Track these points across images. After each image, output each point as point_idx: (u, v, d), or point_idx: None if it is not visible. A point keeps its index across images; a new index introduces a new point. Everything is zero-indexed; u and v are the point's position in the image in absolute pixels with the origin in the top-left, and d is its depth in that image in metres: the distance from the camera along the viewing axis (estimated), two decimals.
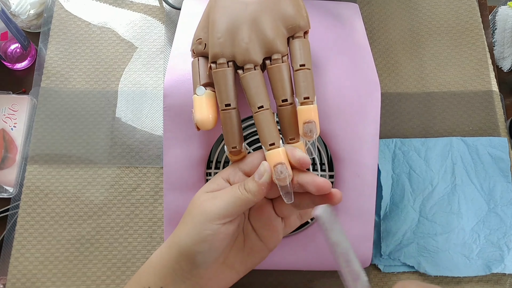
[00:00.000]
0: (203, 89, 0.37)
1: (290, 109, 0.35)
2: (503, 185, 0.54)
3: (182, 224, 0.36)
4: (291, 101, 0.35)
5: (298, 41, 0.36)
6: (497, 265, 0.51)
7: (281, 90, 0.35)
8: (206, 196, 0.36)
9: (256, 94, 0.35)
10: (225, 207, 0.34)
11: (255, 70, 0.36)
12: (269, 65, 0.36)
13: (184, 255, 0.35)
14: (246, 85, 0.36)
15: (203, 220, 0.34)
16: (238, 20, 0.36)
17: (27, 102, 0.57)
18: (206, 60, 0.38)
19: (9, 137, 0.56)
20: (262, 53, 0.36)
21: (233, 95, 0.36)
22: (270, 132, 0.35)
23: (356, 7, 0.50)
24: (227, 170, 0.38)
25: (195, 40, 0.39)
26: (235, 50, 0.36)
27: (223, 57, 0.36)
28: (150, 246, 0.52)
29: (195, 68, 0.38)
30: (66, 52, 0.60)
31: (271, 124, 0.35)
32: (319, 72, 0.42)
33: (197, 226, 0.34)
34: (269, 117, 0.35)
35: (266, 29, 0.36)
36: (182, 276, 0.36)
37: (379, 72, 0.60)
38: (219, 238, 0.34)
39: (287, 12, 0.36)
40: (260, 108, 0.35)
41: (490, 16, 0.66)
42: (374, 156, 0.43)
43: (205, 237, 0.34)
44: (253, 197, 0.34)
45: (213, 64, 0.36)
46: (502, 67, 0.65)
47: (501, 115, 0.59)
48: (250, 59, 0.36)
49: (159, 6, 0.63)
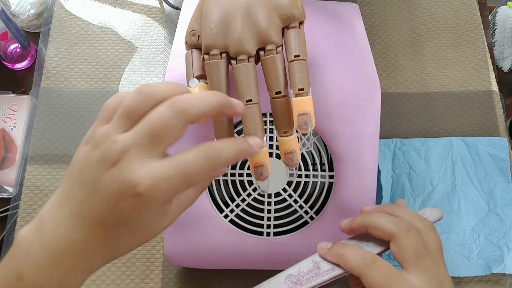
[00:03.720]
0: (196, 81, 0.36)
1: (283, 102, 0.35)
2: (503, 185, 0.54)
3: None
4: (285, 93, 0.35)
5: (293, 31, 0.35)
6: (497, 265, 0.51)
7: (275, 82, 0.35)
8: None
9: (246, 86, 0.34)
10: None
11: (249, 62, 0.35)
12: (263, 56, 0.35)
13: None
14: (238, 76, 0.35)
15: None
16: (231, 10, 0.35)
17: (27, 102, 0.57)
18: (199, 52, 0.37)
19: (9, 137, 0.56)
20: (255, 44, 0.35)
21: (225, 87, 0.35)
22: (256, 128, 0.34)
23: (356, 7, 0.50)
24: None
25: (188, 31, 0.38)
26: (228, 41, 0.35)
27: (216, 48, 0.35)
28: (150, 246, 0.52)
29: (188, 60, 0.37)
30: (66, 52, 0.60)
31: (257, 119, 0.34)
32: (319, 72, 0.42)
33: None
34: (256, 112, 0.34)
35: (260, 19, 0.35)
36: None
37: (379, 72, 0.60)
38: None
39: (281, 2, 0.35)
40: (249, 102, 0.34)
41: (490, 16, 0.66)
42: (374, 156, 0.43)
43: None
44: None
45: (206, 56, 0.35)
46: (502, 67, 0.65)
47: (501, 115, 0.59)
48: (243, 49, 0.35)
49: (159, 6, 0.63)
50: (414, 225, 0.34)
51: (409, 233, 0.33)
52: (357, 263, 0.33)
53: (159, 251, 0.51)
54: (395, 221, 0.34)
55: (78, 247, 0.26)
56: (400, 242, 0.33)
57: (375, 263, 0.32)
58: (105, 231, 0.26)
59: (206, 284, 0.50)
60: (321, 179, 0.43)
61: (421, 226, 0.34)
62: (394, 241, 0.33)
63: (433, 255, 0.33)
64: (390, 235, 0.33)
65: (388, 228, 0.33)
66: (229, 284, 0.50)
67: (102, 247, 0.27)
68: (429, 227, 0.35)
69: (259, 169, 0.34)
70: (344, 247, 0.35)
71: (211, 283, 0.50)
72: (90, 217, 0.26)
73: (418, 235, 0.33)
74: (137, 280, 0.50)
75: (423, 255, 0.33)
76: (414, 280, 0.32)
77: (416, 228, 0.34)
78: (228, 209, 0.44)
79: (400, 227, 0.33)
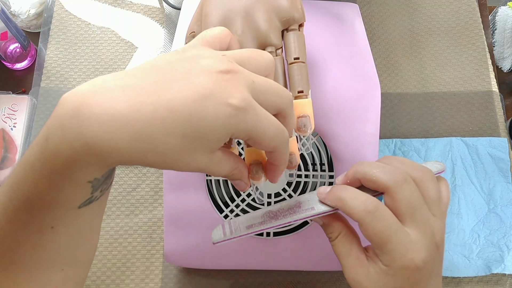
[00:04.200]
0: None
1: None
2: (503, 185, 0.54)
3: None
4: None
5: (292, 33, 0.36)
6: (497, 265, 0.51)
7: None
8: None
9: None
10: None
11: None
12: None
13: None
14: None
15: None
16: (231, 12, 0.35)
17: (27, 102, 0.57)
18: None
19: (9, 137, 0.56)
20: (255, 46, 0.35)
21: None
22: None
23: (356, 7, 0.50)
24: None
25: (188, 33, 0.38)
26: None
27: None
28: (150, 246, 0.52)
29: None
30: (66, 52, 0.60)
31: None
32: (319, 73, 0.42)
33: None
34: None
35: (260, 21, 0.35)
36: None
37: (379, 72, 0.60)
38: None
39: (281, 4, 0.35)
40: None
41: (490, 16, 0.66)
42: (374, 156, 0.43)
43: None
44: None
45: None
46: (502, 68, 0.65)
47: (501, 115, 0.59)
48: None
49: (159, 6, 0.63)
50: (412, 175, 0.32)
51: (404, 185, 0.31)
52: (359, 208, 0.30)
53: (159, 251, 0.51)
54: (390, 171, 0.31)
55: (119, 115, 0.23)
56: (394, 196, 0.30)
57: (378, 211, 0.30)
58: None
59: (206, 284, 0.50)
60: (321, 179, 0.43)
61: (419, 176, 0.32)
62: (387, 194, 0.31)
63: (430, 206, 0.32)
64: (383, 188, 0.31)
65: (382, 180, 0.31)
66: (229, 284, 0.50)
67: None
68: (428, 177, 0.32)
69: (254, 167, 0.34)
70: (344, 190, 0.32)
71: (211, 283, 0.50)
72: (158, 102, 0.23)
73: (414, 187, 0.31)
74: (137, 280, 0.50)
75: (419, 208, 0.31)
76: (412, 233, 0.30)
77: (413, 178, 0.31)
78: (228, 209, 0.44)
79: (394, 178, 0.31)
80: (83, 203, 0.28)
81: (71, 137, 0.23)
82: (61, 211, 0.28)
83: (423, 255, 0.30)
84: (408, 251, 0.30)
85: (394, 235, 0.30)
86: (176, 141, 0.24)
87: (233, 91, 0.25)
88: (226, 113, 0.24)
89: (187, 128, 0.24)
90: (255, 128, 0.26)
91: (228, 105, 0.24)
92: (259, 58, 0.29)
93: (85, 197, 0.27)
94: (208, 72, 0.25)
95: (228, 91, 0.25)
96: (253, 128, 0.26)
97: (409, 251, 0.30)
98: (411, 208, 0.31)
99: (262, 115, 0.26)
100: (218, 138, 0.25)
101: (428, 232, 0.31)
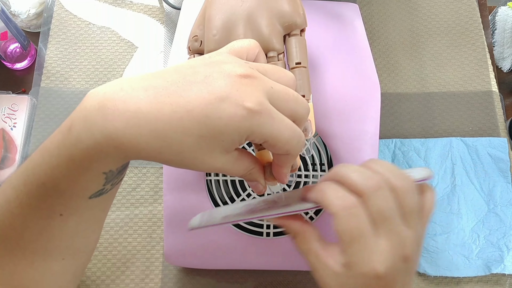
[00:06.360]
0: None
1: None
2: (503, 185, 0.55)
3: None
4: None
5: (294, 38, 0.36)
6: (497, 265, 0.51)
7: None
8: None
9: None
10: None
11: None
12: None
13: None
14: None
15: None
16: (234, 17, 0.36)
17: (27, 102, 0.57)
18: None
19: (9, 137, 0.56)
20: None
21: None
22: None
23: (356, 7, 0.50)
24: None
25: (191, 37, 0.38)
26: None
27: None
28: (150, 246, 0.52)
29: None
30: (66, 52, 0.60)
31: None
32: (319, 73, 0.42)
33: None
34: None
35: (262, 26, 0.35)
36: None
37: (379, 72, 0.60)
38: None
39: (283, 9, 0.36)
40: None
41: (490, 16, 0.66)
42: (374, 156, 0.43)
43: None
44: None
45: None
46: (502, 68, 0.65)
47: (501, 115, 0.59)
48: None
49: (159, 6, 0.63)
50: (391, 183, 0.30)
51: (378, 192, 0.29)
52: (336, 201, 0.30)
53: (159, 251, 0.51)
54: (366, 176, 0.30)
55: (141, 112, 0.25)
56: (367, 202, 0.29)
57: (354, 208, 0.29)
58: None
59: (206, 284, 0.50)
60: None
61: (398, 185, 0.30)
62: (362, 199, 0.30)
63: (406, 216, 0.30)
64: (358, 192, 0.30)
65: (356, 185, 0.30)
66: (229, 284, 0.50)
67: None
68: (407, 187, 0.31)
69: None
70: (327, 184, 0.31)
71: (211, 283, 0.50)
72: (178, 103, 0.25)
73: (388, 195, 0.30)
74: (136, 280, 0.50)
75: (390, 217, 0.30)
76: (380, 242, 0.29)
77: (392, 186, 0.30)
78: None
79: (368, 185, 0.30)
80: (94, 193, 0.29)
81: (94, 128, 0.25)
82: (72, 199, 0.29)
83: (385, 266, 0.29)
84: (371, 260, 0.29)
85: (362, 239, 0.29)
86: (193, 141, 0.25)
87: (250, 94, 0.26)
88: (241, 116, 0.25)
89: (203, 128, 0.25)
90: (270, 132, 0.27)
91: (244, 108, 0.25)
92: (282, 73, 0.30)
93: (97, 188, 0.29)
94: (228, 76, 0.26)
95: (245, 95, 0.26)
96: (268, 132, 0.26)
97: (372, 260, 0.29)
98: (382, 217, 0.30)
99: (278, 118, 0.27)
100: (232, 139, 0.26)
101: (397, 244, 0.30)
